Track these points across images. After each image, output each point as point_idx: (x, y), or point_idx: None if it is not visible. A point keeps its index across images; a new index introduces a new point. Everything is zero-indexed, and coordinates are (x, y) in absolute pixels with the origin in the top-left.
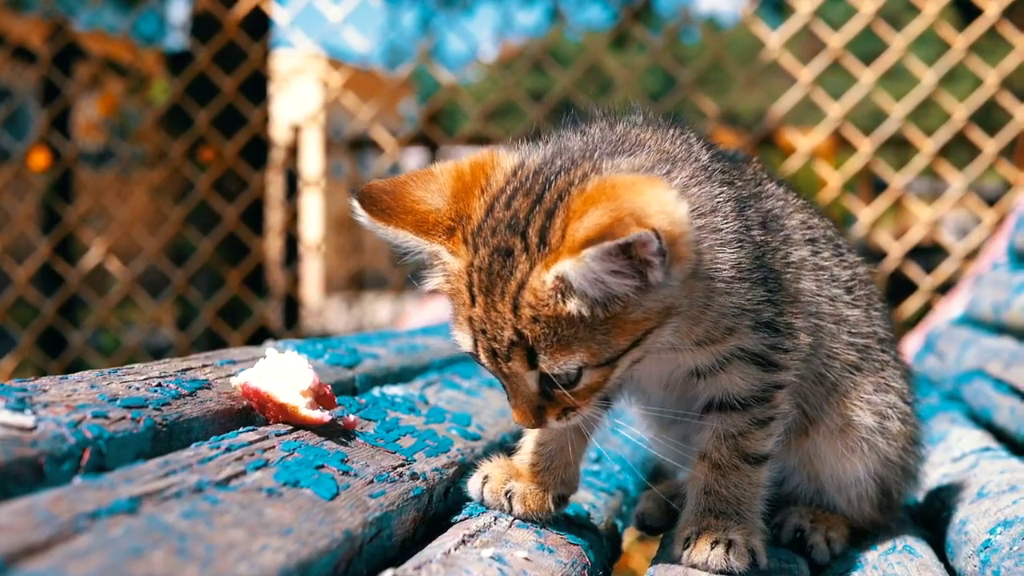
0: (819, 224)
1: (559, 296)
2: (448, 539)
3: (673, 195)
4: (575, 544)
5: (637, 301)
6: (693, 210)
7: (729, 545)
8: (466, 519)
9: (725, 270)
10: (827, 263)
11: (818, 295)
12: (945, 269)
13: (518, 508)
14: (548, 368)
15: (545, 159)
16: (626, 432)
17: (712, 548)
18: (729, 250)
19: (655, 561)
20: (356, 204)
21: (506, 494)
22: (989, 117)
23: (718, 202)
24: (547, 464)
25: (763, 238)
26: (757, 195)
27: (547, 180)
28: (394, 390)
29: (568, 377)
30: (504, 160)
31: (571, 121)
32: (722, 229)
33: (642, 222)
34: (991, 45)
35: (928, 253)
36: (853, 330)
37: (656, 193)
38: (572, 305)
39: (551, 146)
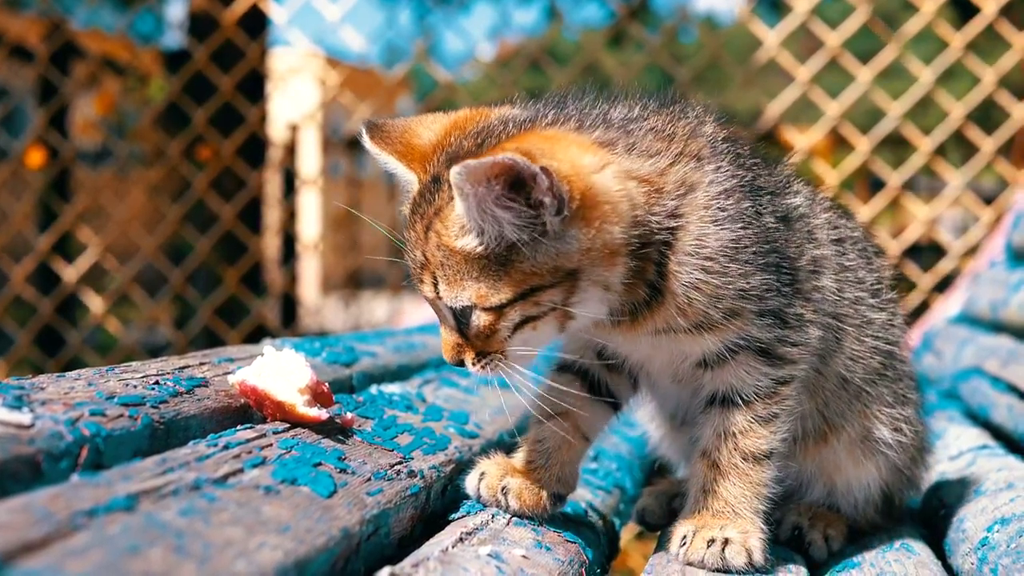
0: (847, 225)
1: (458, 228)
2: (446, 537)
3: (595, 162)
4: (572, 542)
5: (529, 250)
6: (672, 188)
7: (725, 543)
8: (464, 517)
9: (711, 247)
10: (852, 264)
11: (840, 295)
12: (943, 267)
13: (514, 504)
14: (444, 298)
15: (524, 114)
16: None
17: (708, 546)
18: (720, 227)
19: (653, 558)
20: (363, 130)
21: (502, 490)
22: (987, 116)
23: (717, 180)
24: (544, 462)
25: (777, 227)
26: (781, 188)
27: (505, 128)
28: (391, 388)
29: (464, 314)
30: (504, 111)
31: (603, 97)
32: (712, 206)
33: (532, 157)
34: (989, 44)
35: (926, 251)
36: (878, 334)
37: (573, 150)
38: (464, 241)
39: (554, 108)
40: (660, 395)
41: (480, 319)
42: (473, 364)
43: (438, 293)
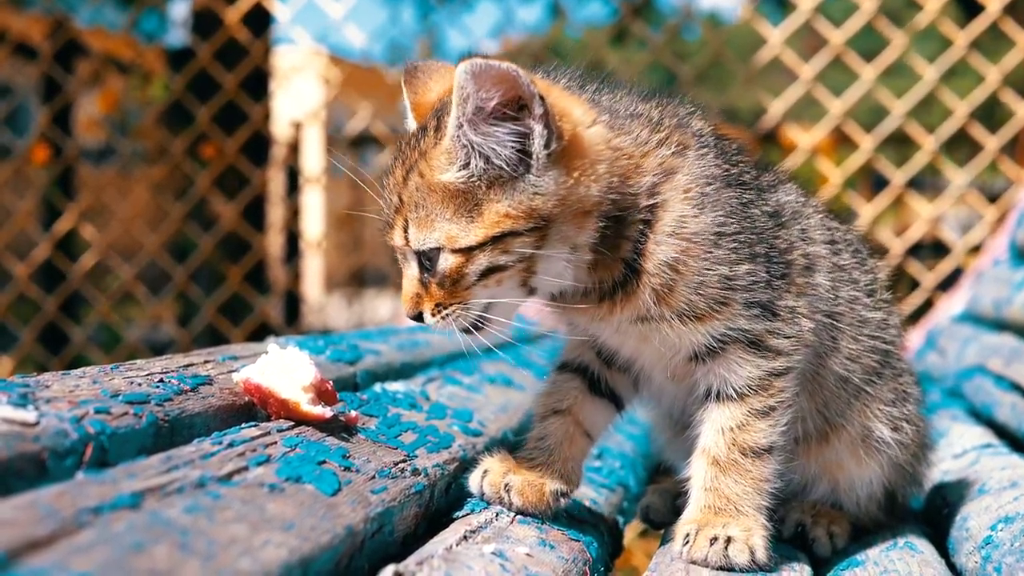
0: (840, 228)
1: (445, 159)
2: (450, 535)
3: (585, 116)
4: (576, 540)
5: (509, 184)
6: (653, 167)
7: (728, 541)
8: (468, 515)
9: (691, 228)
10: (846, 263)
11: (835, 294)
12: (946, 266)
13: (517, 501)
14: (413, 241)
15: None
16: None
17: (711, 545)
18: (702, 211)
19: (657, 556)
20: (406, 70)
21: (505, 487)
22: (991, 114)
23: (699, 167)
24: (546, 459)
25: (765, 221)
26: (770, 186)
27: None
28: (395, 386)
29: (431, 259)
30: None
31: (596, 82)
32: (693, 189)
33: (533, 82)
34: (993, 42)
35: (930, 249)
36: (875, 333)
37: (567, 98)
38: (449, 174)
39: (543, 74)
40: (657, 393)
41: (447, 261)
42: (432, 315)
43: (407, 237)
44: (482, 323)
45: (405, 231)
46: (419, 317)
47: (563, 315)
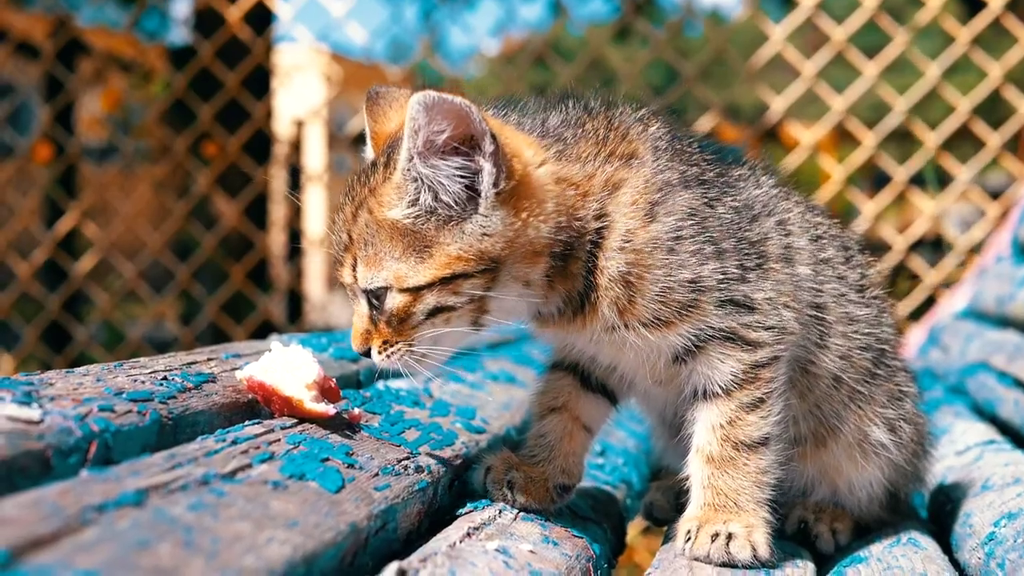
0: (824, 223)
1: (395, 195)
2: (453, 532)
3: (535, 157)
4: (579, 537)
5: (458, 226)
6: (598, 188)
7: (729, 538)
8: (471, 512)
9: (641, 239)
10: (830, 257)
11: (819, 287)
12: (949, 262)
13: (520, 498)
14: (361, 279)
15: None
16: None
17: (712, 541)
18: (652, 220)
19: (660, 554)
20: (367, 97)
21: (508, 484)
22: (993, 110)
23: (648, 176)
24: (547, 455)
25: (733, 217)
26: (738, 181)
27: None
28: (399, 383)
29: (379, 297)
30: None
31: (544, 103)
32: (640, 201)
33: (486, 120)
34: (995, 38)
35: (932, 247)
36: (866, 331)
37: (518, 138)
38: (397, 210)
39: (493, 110)
40: (644, 396)
41: (395, 300)
42: (379, 353)
43: (355, 275)
44: (426, 358)
45: (354, 269)
46: (368, 353)
47: (538, 329)
